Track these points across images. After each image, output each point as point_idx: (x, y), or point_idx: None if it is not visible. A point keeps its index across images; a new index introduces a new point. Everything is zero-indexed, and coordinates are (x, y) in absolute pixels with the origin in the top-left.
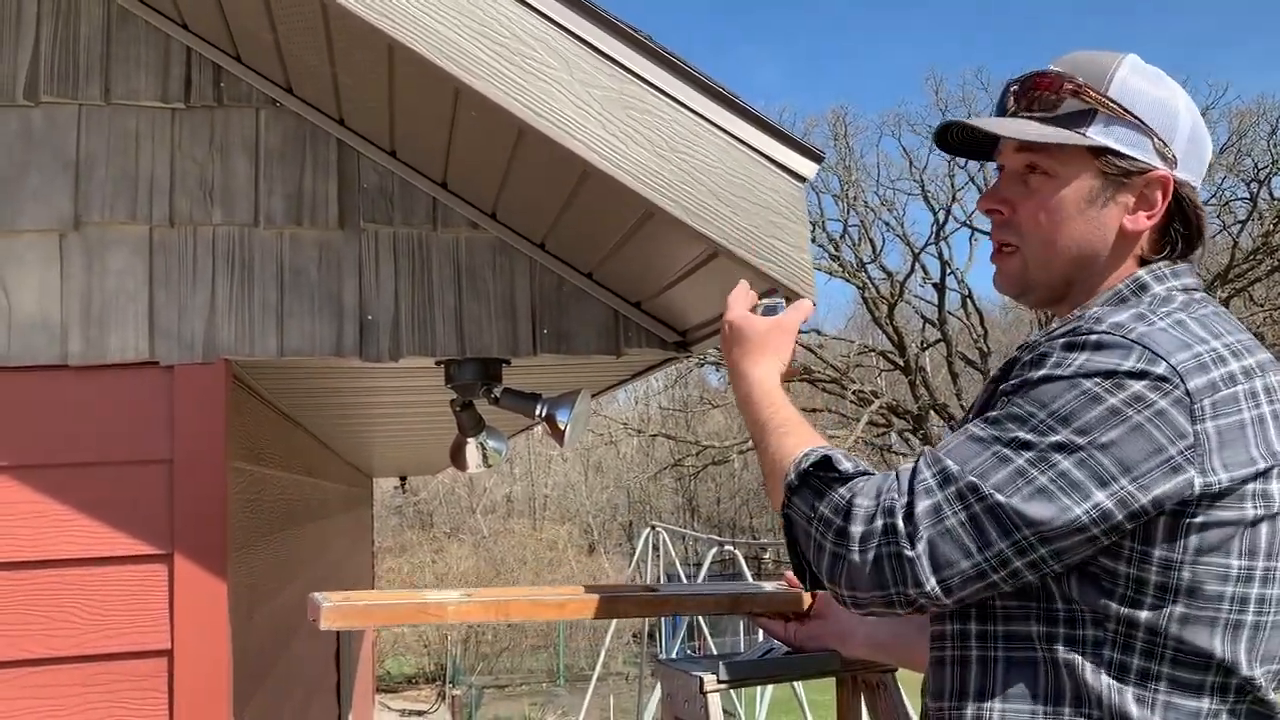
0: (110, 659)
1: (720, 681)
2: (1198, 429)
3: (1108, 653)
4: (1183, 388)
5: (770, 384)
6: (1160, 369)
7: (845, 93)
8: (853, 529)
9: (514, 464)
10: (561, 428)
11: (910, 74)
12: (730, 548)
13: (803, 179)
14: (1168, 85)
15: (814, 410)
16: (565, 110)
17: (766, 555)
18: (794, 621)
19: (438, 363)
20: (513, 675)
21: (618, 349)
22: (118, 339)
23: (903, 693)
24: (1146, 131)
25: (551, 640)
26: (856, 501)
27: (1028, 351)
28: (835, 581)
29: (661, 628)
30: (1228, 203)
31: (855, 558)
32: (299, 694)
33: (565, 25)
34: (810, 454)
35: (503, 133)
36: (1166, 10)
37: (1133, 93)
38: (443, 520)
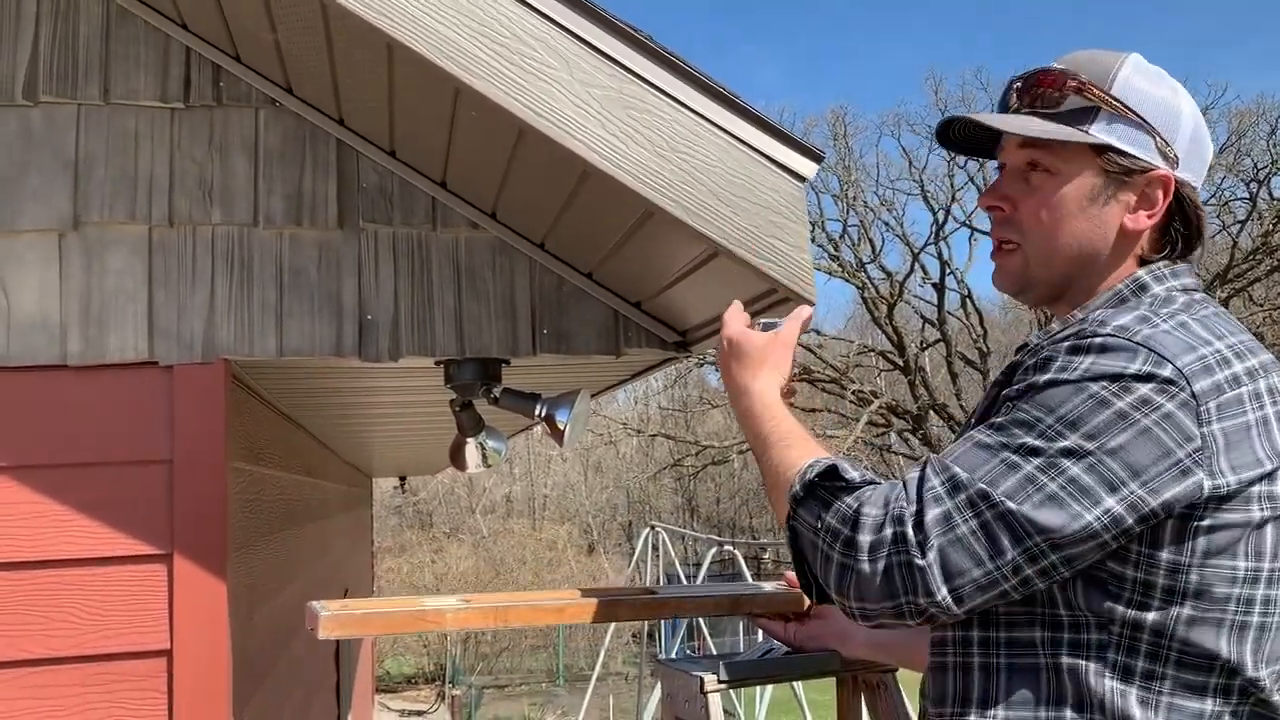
0: (109, 659)
1: (721, 681)
2: (1204, 431)
3: (1112, 655)
4: (1189, 390)
5: (771, 397)
6: (1166, 371)
7: (845, 93)
8: (861, 538)
9: (513, 464)
10: (561, 428)
11: (910, 74)
12: (730, 548)
13: (803, 179)
14: (1170, 85)
15: (813, 410)
16: (565, 110)
17: (766, 555)
18: (794, 621)
19: (437, 363)
20: (512, 675)
21: (617, 349)
22: (117, 339)
23: (903, 693)
24: (1149, 130)
25: (551, 640)
26: (864, 510)
27: (1030, 355)
28: (843, 593)
29: (661, 628)
30: (1227, 203)
31: (865, 568)
32: (298, 694)
33: (565, 25)
34: (815, 464)
35: (502, 133)
36: (1166, 10)
37: (1136, 91)
38: (442, 520)
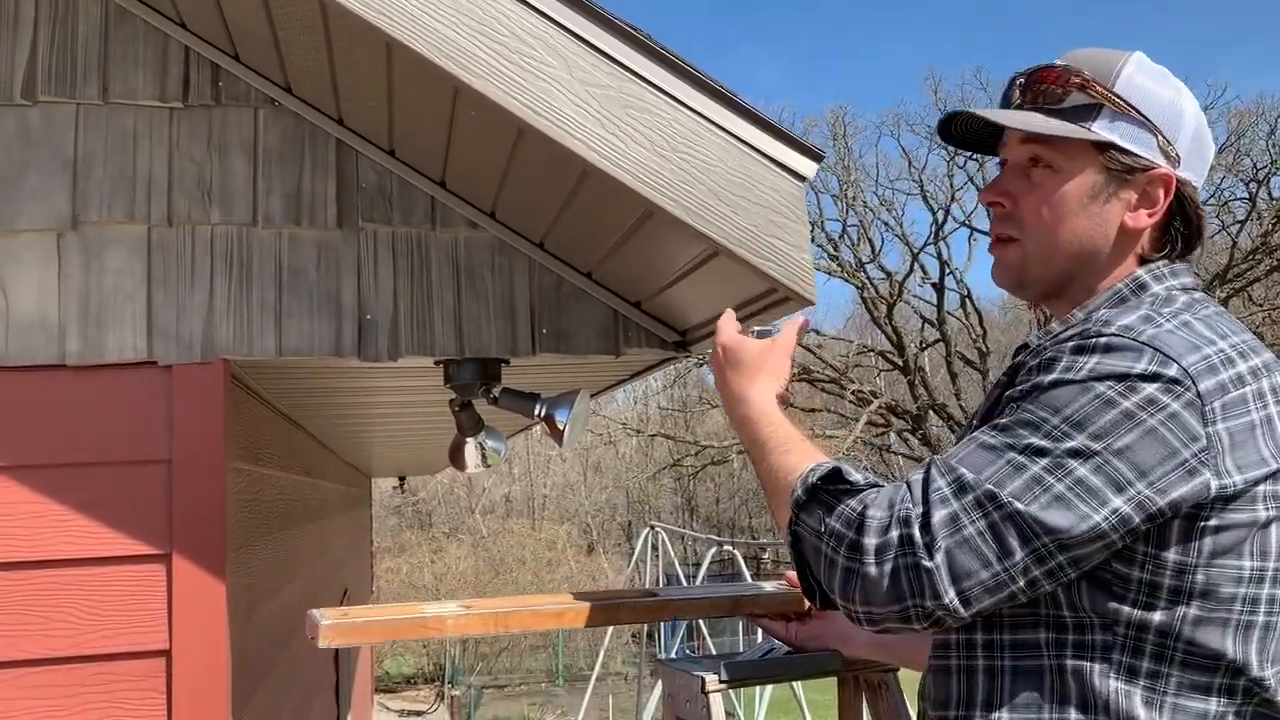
0: (108, 659)
1: (722, 681)
2: (1209, 431)
3: (1117, 656)
4: (1194, 390)
5: (768, 404)
6: (1172, 371)
7: (845, 93)
8: (866, 541)
9: (513, 464)
10: (560, 428)
11: (910, 74)
12: (729, 548)
13: (803, 178)
14: (1173, 84)
15: (812, 410)
16: (564, 109)
17: (765, 555)
18: (795, 621)
19: (436, 362)
20: (511, 675)
21: (617, 349)
22: (116, 339)
23: (904, 693)
24: (1151, 129)
25: (550, 640)
26: (869, 513)
27: (1033, 356)
28: (849, 598)
29: (661, 628)
30: (1226, 203)
31: (871, 571)
32: (298, 694)
33: (564, 24)
34: (817, 468)
35: (502, 132)
36: (1166, 10)
37: (1139, 90)
38: (441, 520)
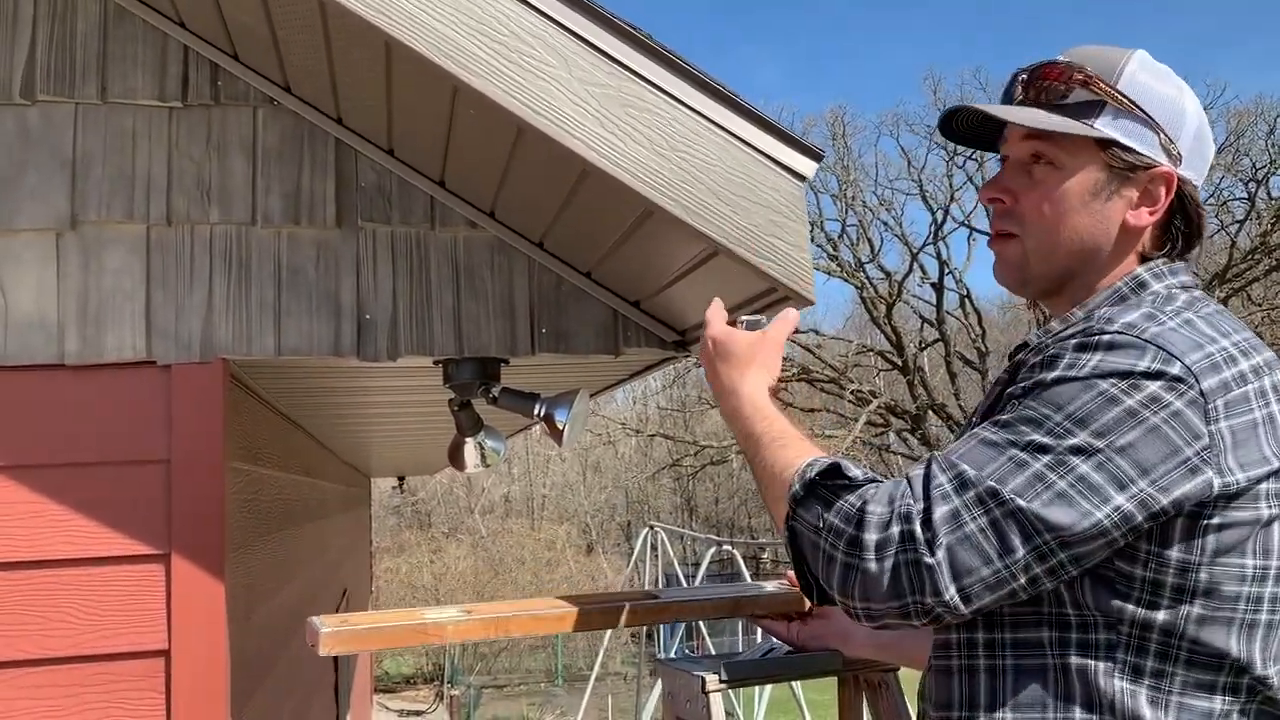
0: (107, 659)
1: (722, 681)
2: (1212, 429)
3: (1121, 655)
4: (1197, 388)
5: (761, 398)
6: (1175, 369)
7: (844, 93)
8: (867, 537)
9: (512, 464)
10: (560, 427)
11: (909, 74)
12: (728, 547)
13: (803, 178)
14: (1175, 83)
15: (812, 410)
16: (564, 108)
17: (765, 555)
18: (796, 621)
19: (436, 362)
20: (511, 675)
21: (616, 348)
22: (115, 338)
23: (904, 693)
24: (1154, 127)
25: (549, 640)
26: (869, 509)
27: (1034, 354)
28: (848, 594)
29: (660, 628)
30: (1225, 202)
31: (871, 567)
32: (297, 694)
33: (563, 23)
34: (815, 462)
35: (501, 131)
36: (1166, 10)
37: (1141, 87)
38: (441, 520)
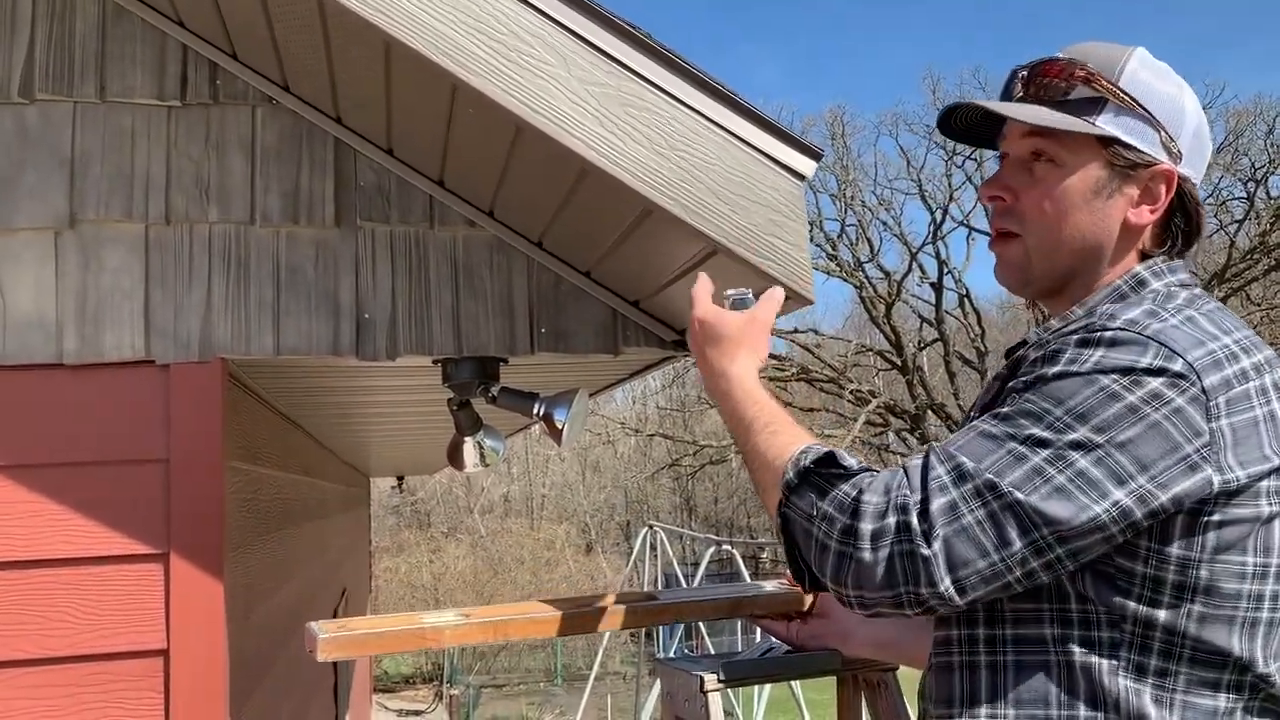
0: (106, 659)
1: (721, 680)
2: (1213, 426)
3: (1124, 654)
4: (1199, 385)
5: (751, 381)
6: (1177, 366)
7: (844, 92)
8: (862, 526)
9: (511, 463)
10: (559, 427)
11: (909, 73)
12: (728, 547)
13: (802, 177)
14: (1175, 80)
15: (811, 410)
16: (563, 107)
17: (764, 555)
18: (796, 620)
19: (435, 361)
20: (510, 675)
21: (616, 348)
22: (113, 337)
23: (903, 692)
24: (1155, 125)
25: (548, 640)
26: (865, 498)
27: (1036, 349)
28: (840, 582)
29: (659, 628)
30: (1225, 202)
31: (866, 556)
32: (296, 694)
33: (562, 21)
34: (809, 450)
35: (500, 130)
36: (1167, 10)
37: (1142, 85)
38: (440, 520)
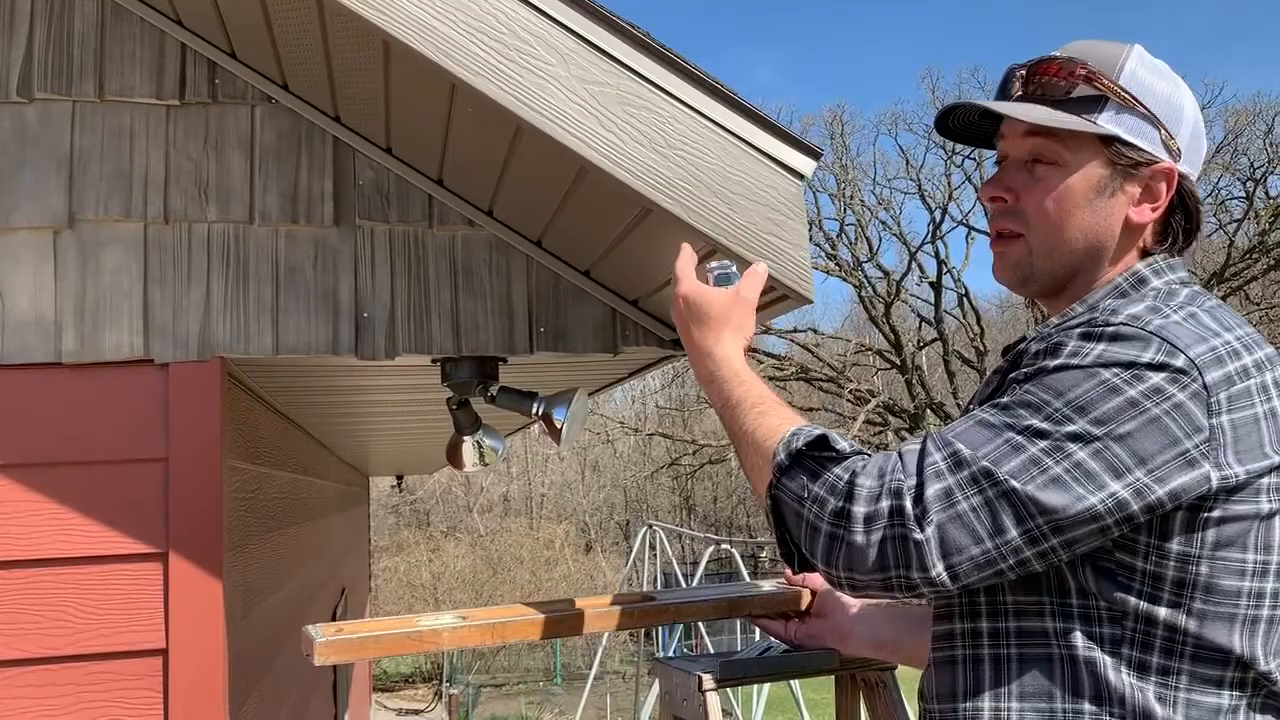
0: (105, 658)
1: (719, 680)
2: (1213, 423)
3: (1127, 650)
4: (1200, 381)
5: (738, 361)
6: (1179, 361)
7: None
8: (855, 509)
9: (511, 463)
10: (558, 426)
11: (908, 73)
12: (727, 546)
13: (801, 176)
14: (1172, 78)
15: (810, 409)
16: (562, 106)
17: (763, 554)
18: (794, 620)
19: (434, 361)
20: (509, 674)
21: (615, 347)
22: (112, 337)
23: (902, 692)
24: (1155, 123)
25: (548, 640)
26: (859, 481)
27: (1037, 341)
28: (831, 564)
29: (658, 627)
30: (1224, 201)
31: (858, 539)
32: (295, 693)
33: (562, 21)
34: (801, 432)
35: (499, 129)
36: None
37: (1142, 83)
38: (439, 519)
